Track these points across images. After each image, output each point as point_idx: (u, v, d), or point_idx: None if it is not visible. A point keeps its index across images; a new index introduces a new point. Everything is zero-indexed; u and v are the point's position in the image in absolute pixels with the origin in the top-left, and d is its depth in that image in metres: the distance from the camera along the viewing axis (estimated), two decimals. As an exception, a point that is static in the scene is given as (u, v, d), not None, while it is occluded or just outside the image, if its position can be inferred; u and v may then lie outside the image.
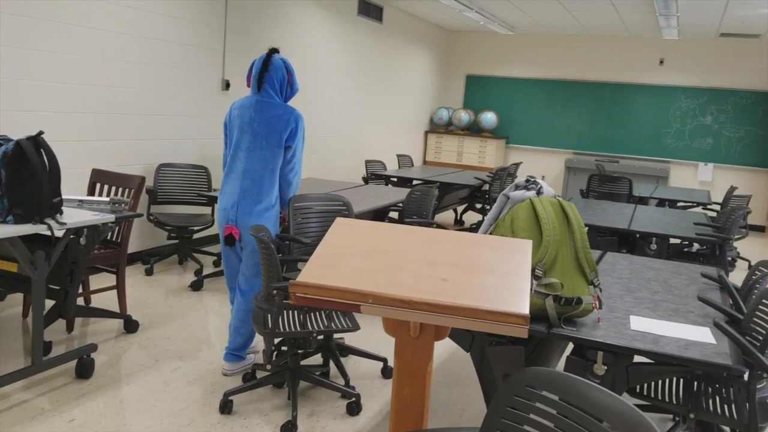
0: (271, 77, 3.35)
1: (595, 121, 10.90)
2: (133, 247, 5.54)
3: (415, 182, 7.20)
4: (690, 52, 10.30)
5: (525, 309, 1.45)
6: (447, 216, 9.27)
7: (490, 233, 2.67)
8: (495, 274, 1.60)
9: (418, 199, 5.15)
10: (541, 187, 2.69)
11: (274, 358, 3.29)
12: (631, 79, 10.66)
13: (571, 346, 2.73)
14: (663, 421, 3.35)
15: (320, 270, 1.51)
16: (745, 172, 10.15)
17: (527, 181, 2.75)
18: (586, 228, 5.04)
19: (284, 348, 3.52)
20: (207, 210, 6.05)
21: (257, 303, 2.94)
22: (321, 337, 3.49)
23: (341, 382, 3.43)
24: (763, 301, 2.67)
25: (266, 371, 3.23)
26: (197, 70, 6.01)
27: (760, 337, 2.46)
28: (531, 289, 2.36)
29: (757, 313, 2.65)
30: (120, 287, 4.13)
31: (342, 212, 3.95)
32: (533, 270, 2.38)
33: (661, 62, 10.49)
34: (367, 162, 7.58)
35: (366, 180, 7.38)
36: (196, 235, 6.17)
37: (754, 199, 10.04)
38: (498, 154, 11.19)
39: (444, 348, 4.21)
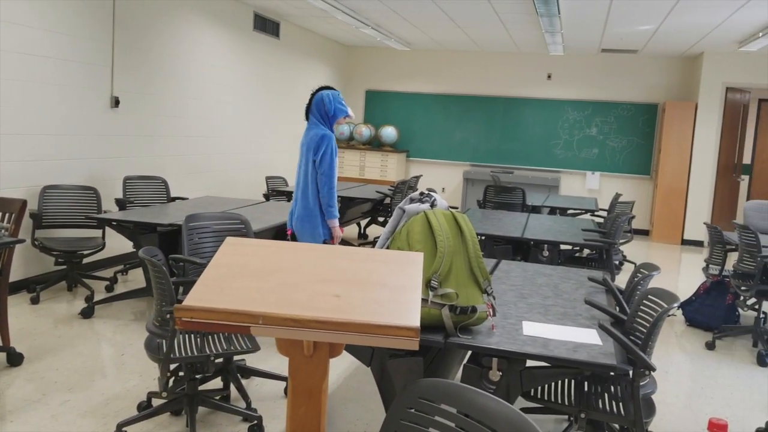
0: (313, 108, 4.15)
1: (490, 134, 11.29)
2: (16, 274, 5.19)
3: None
4: (575, 68, 10.89)
5: (415, 321, 1.46)
6: (351, 230, 9.30)
7: (387, 246, 2.69)
8: (387, 288, 1.61)
9: (319, 214, 5.12)
10: (435, 199, 2.75)
11: (170, 384, 3.16)
12: (522, 93, 11.14)
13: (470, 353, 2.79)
14: (558, 422, 3.48)
15: (207, 292, 1.47)
16: (629, 179, 10.81)
17: (421, 194, 2.80)
18: (483, 237, 5.20)
19: (182, 373, 3.39)
20: (97, 233, 5.76)
21: (149, 328, 2.82)
22: (220, 360, 3.39)
23: (243, 405, 3.34)
24: (644, 301, 2.84)
25: (162, 399, 3.10)
26: (83, 87, 5.74)
27: (643, 336, 2.61)
28: (427, 300, 2.39)
29: (639, 313, 2.81)
30: (1, 318, 3.85)
31: (240, 231, 3.87)
32: (429, 281, 2.42)
33: (549, 77, 11.02)
34: (268, 178, 7.49)
35: (267, 197, 7.29)
36: (86, 260, 5.86)
37: (638, 205, 10.70)
38: (399, 167, 11.36)
39: (348, 363, 4.20)
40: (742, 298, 5.08)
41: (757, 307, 5.11)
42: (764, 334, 4.94)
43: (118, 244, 6.31)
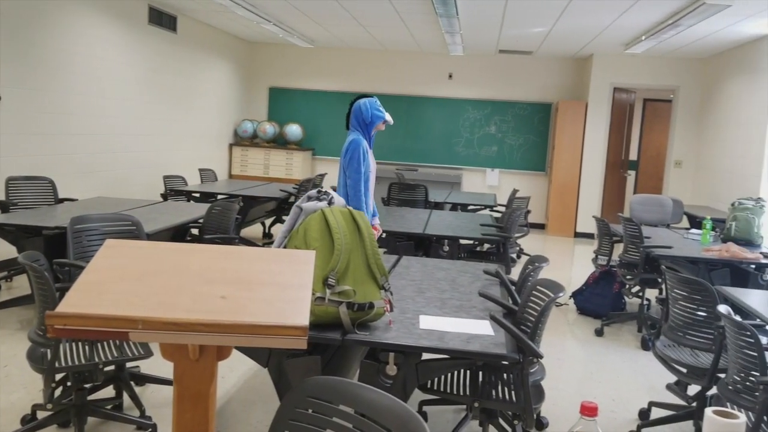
0: (352, 118, 4.32)
1: (394, 132, 11.42)
2: None
3: (220, 197, 7.01)
4: (474, 68, 11.19)
5: (304, 320, 1.46)
6: (255, 229, 9.15)
7: (285, 246, 2.67)
8: (276, 288, 1.60)
9: (219, 214, 5.02)
10: (332, 197, 2.75)
11: (56, 395, 3.00)
12: (424, 92, 11.33)
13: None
14: (458, 411, 3.57)
15: (82, 298, 1.40)
16: (526, 175, 11.23)
17: (319, 192, 2.80)
18: (385, 234, 5.25)
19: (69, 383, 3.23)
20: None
21: (31, 337, 2.66)
22: (111, 367, 3.25)
23: (137, 413, 3.22)
24: (534, 292, 2.96)
25: (48, 411, 2.93)
26: (-42, 81, 5.34)
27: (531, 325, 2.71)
28: (324, 298, 2.39)
29: (529, 303, 2.93)
30: None
31: (132, 232, 3.72)
32: (326, 279, 2.42)
33: (450, 76, 11.27)
34: (166, 178, 7.25)
35: (165, 197, 7.05)
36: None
37: (534, 200, 11.13)
38: (305, 165, 11.28)
39: (250, 364, 4.14)
40: (627, 286, 5.40)
41: (641, 294, 5.44)
42: (648, 319, 5.27)
43: (1, 249, 5.92)
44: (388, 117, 4.38)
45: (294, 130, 11.20)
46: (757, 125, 7.91)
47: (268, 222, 9.03)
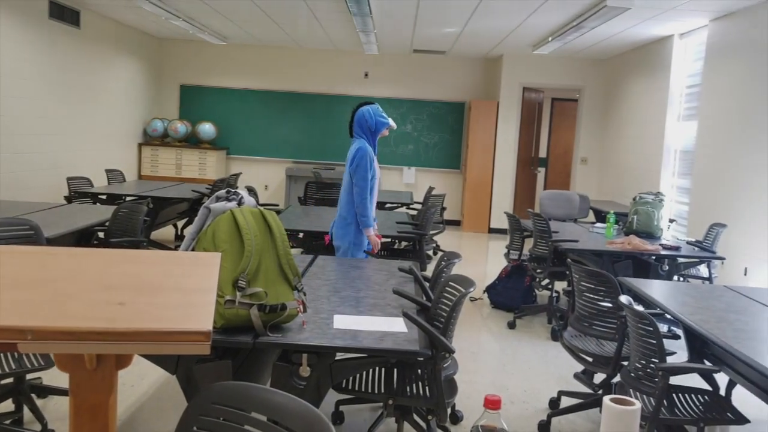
0: (356, 125, 4.36)
1: (311, 131, 11.35)
2: None
3: (128, 198, 6.75)
4: (390, 67, 11.27)
5: (207, 325, 1.41)
6: (167, 232, 8.87)
7: (193, 248, 2.59)
8: (179, 292, 1.54)
9: (126, 216, 4.82)
10: (242, 197, 2.70)
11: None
12: (341, 90, 11.31)
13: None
14: (375, 409, 3.58)
15: (-37, 309, 1.31)
16: (441, 173, 11.42)
17: (228, 192, 2.73)
18: (301, 234, 5.21)
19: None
20: None
21: None
22: (9, 380, 3.06)
23: (38, 427, 3.05)
24: (446, 288, 3.01)
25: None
26: None
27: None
28: (235, 301, 2.34)
29: (442, 299, 2.97)
30: None
31: (29, 238, 3.52)
32: (236, 281, 2.37)
33: (366, 75, 11.30)
34: (70, 179, 6.91)
35: (69, 199, 6.72)
36: None
37: (449, 197, 11.33)
38: (219, 165, 11.03)
39: (161, 372, 4.00)
40: (537, 279, 5.58)
41: (550, 287, 5.64)
42: (556, 311, 5.47)
43: None
44: (391, 123, 4.42)
45: (207, 128, 10.93)
46: (655, 123, 8.36)
47: (180, 224, 8.77)
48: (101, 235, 5.39)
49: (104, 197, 6.76)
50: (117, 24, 9.63)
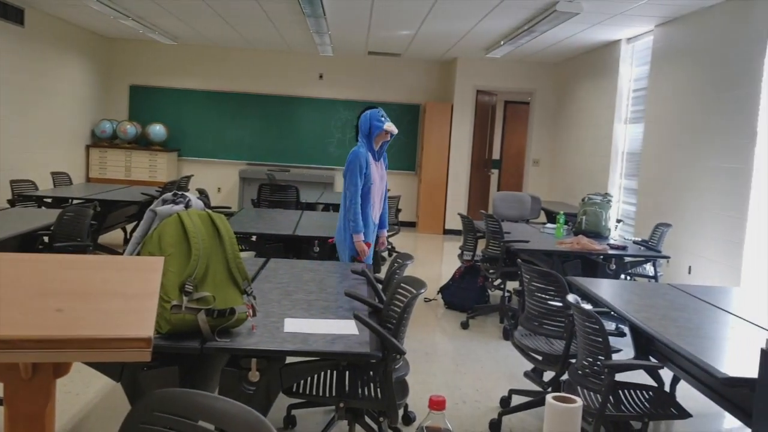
0: (359, 129, 4.42)
1: (265, 133, 11.25)
2: None
3: (75, 201, 6.57)
4: (345, 69, 11.26)
5: (147, 331, 1.38)
6: (116, 235, 8.66)
7: (139, 252, 2.54)
8: (119, 298, 1.51)
9: (71, 220, 4.70)
10: (189, 200, 2.65)
11: None
12: (296, 92, 11.24)
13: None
14: (328, 413, 3.57)
15: None
16: (397, 175, 11.46)
17: (175, 194, 2.68)
18: (255, 237, 5.15)
19: None
20: None
21: None
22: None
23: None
24: (398, 290, 3.01)
25: None
26: None
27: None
28: (181, 306, 2.30)
29: (394, 301, 2.98)
30: None
31: (-32, 242, 3.39)
32: (183, 286, 2.32)
33: (321, 77, 11.27)
34: (13, 182, 6.69)
35: (12, 203, 6.50)
36: None
37: (405, 199, 11.38)
38: (170, 167, 10.84)
39: (107, 379, 3.90)
40: (490, 279, 5.65)
41: (502, 287, 5.71)
42: (508, 311, 5.54)
43: None
44: (386, 126, 4.37)
45: (157, 130, 10.73)
46: (604, 125, 8.56)
47: (129, 227, 8.58)
48: (46, 239, 5.24)
49: (49, 200, 6.57)
50: (64, 23, 9.37)
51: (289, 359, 2.43)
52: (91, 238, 5.21)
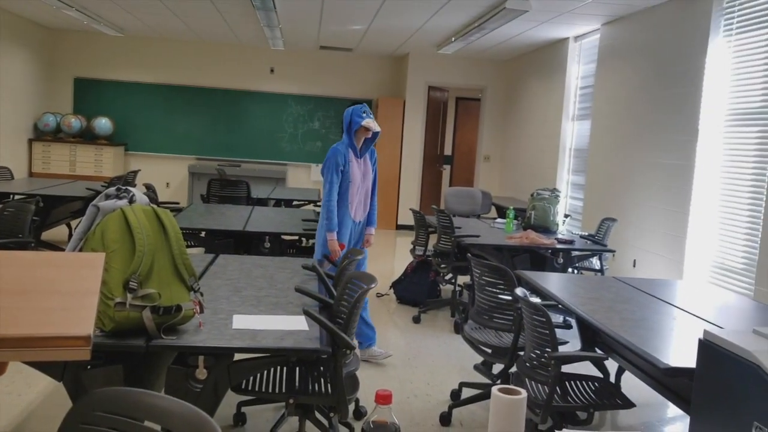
0: (342, 125, 4.42)
1: (215, 127, 11.07)
2: None
3: (17, 197, 6.34)
4: (297, 63, 11.16)
5: (87, 329, 1.34)
6: (60, 232, 8.40)
7: (81, 249, 2.47)
8: (58, 295, 1.46)
9: (12, 216, 4.53)
10: (133, 195, 2.59)
11: None
12: (246, 86, 11.10)
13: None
14: (278, 409, 3.54)
15: None
16: (350, 170, 11.42)
17: (118, 189, 2.62)
18: (204, 233, 5.07)
19: None
20: None
21: None
22: None
23: None
24: (349, 285, 3.01)
25: None
26: None
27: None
28: (125, 303, 2.24)
29: (344, 296, 2.97)
30: None
31: None
32: (127, 283, 2.27)
33: (272, 71, 11.15)
34: (-52, 177, 6.41)
35: (-53, 198, 6.23)
36: None
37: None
38: (117, 162, 10.57)
39: (50, 379, 3.78)
40: (441, 274, 5.69)
41: (453, 281, 5.76)
42: (459, 305, 5.60)
43: None
44: (365, 122, 4.28)
45: (103, 123, 10.44)
46: (552, 122, 8.72)
47: (74, 223, 8.33)
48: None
49: (-12, 196, 6.33)
50: (5, 12, 9.02)
51: (238, 356, 2.40)
52: (33, 234, 5.03)
